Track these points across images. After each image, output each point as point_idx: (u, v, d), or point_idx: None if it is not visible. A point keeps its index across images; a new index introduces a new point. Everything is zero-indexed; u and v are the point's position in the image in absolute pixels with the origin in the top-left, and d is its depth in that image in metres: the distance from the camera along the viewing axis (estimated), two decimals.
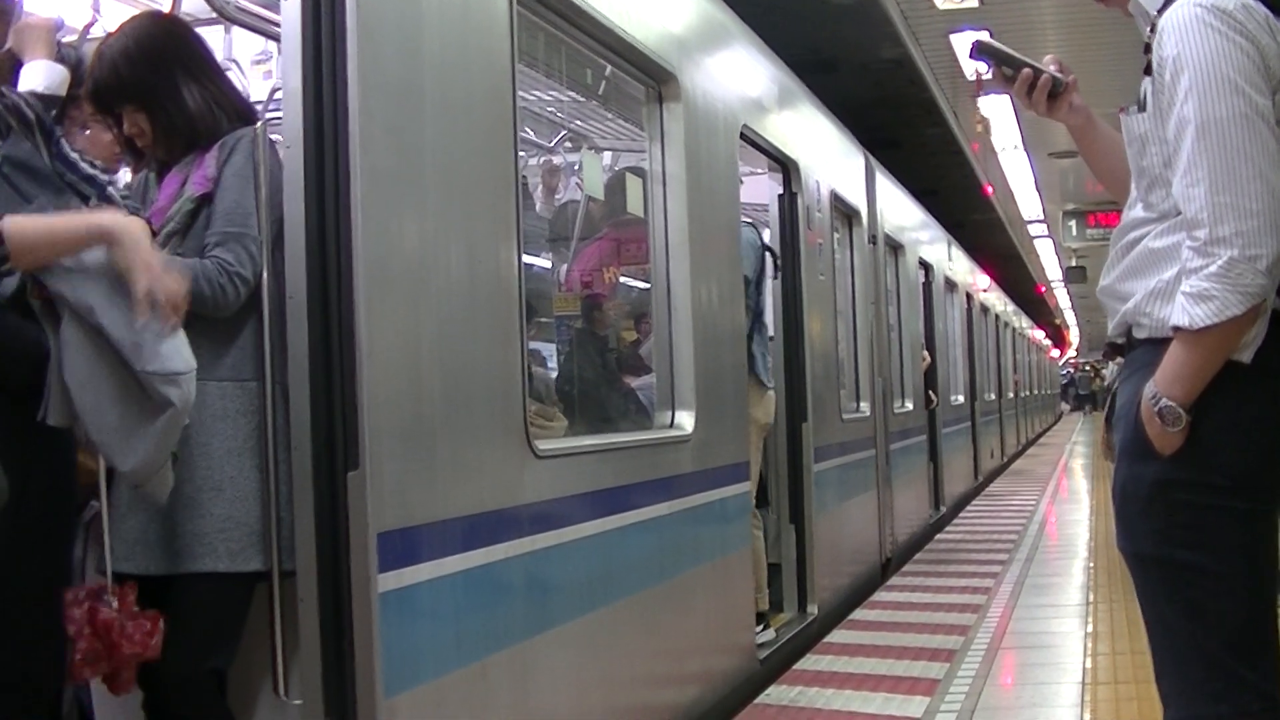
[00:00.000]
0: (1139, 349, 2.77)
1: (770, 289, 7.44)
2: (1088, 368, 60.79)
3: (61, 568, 3.15)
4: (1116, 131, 2.92)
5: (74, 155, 3.18)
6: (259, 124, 3.54)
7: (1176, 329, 2.58)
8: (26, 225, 2.83)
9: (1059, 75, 3.05)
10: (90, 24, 4.11)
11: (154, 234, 3.28)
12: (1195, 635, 2.66)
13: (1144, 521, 2.71)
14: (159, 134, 3.53)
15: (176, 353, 2.97)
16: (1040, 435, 32.53)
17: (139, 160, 3.69)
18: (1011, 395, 24.42)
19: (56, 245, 2.86)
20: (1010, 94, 3.11)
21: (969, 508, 14.59)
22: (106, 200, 3.22)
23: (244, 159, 3.44)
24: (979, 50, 3.09)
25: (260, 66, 4.65)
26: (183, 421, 3.02)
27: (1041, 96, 3.06)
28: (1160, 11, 2.69)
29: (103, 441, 2.98)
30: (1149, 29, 2.73)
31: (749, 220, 6.96)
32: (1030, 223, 25.34)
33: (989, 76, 3.13)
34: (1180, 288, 2.58)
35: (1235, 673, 2.64)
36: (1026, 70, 3.05)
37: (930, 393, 13.15)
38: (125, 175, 3.86)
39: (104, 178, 3.23)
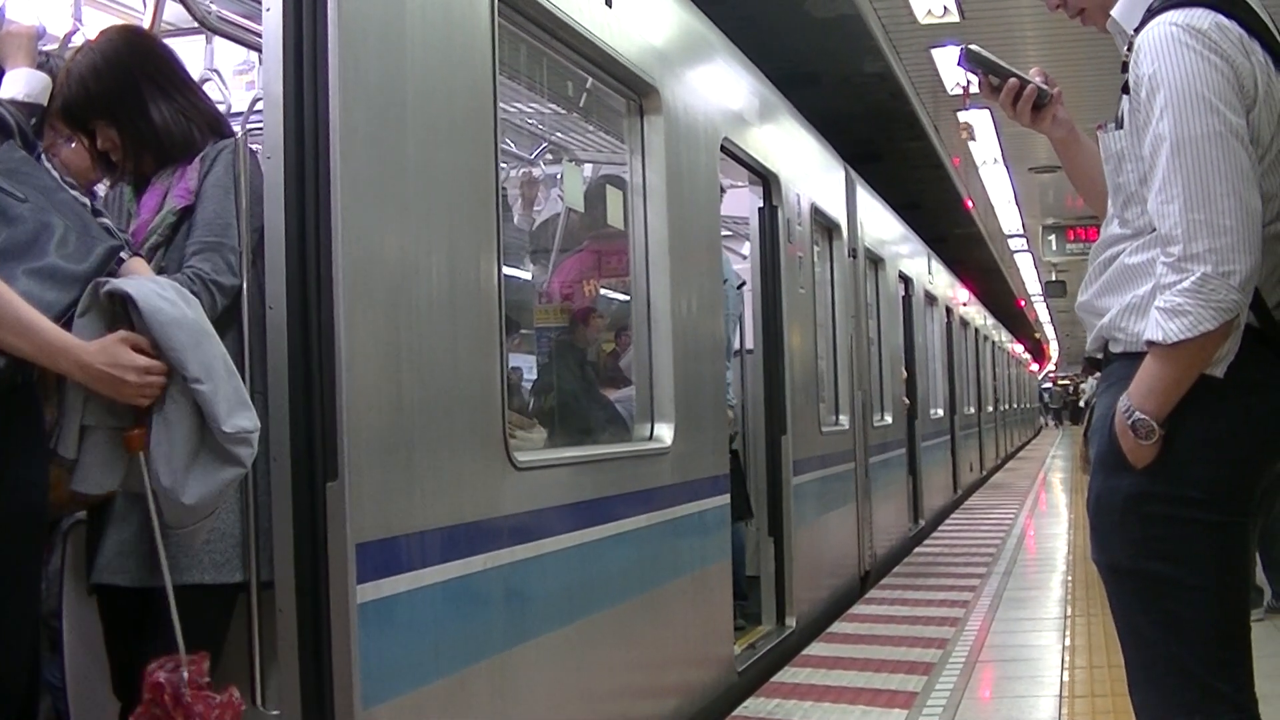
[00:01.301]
0: (1115, 363, 2.79)
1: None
2: (1064, 381, 60.94)
3: (33, 578, 3.14)
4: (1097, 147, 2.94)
5: (55, 173, 3.17)
6: (240, 134, 3.54)
7: (1150, 343, 2.60)
8: (13, 302, 2.83)
9: (1045, 86, 3.07)
10: (71, 32, 4.10)
11: (135, 249, 3.29)
12: (1169, 647, 2.68)
13: (1118, 534, 2.72)
14: (128, 147, 3.52)
15: (247, 411, 3.10)
16: (1020, 449, 32.58)
17: (112, 174, 3.67)
18: (991, 409, 24.46)
19: (20, 342, 2.85)
20: (995, 105, 3.13)
21: (948, 521, 14.61)
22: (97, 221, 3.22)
23: (224, 170, 3.43)
24: (967, 58, 3.09)
25: (243, 77, 4.65)
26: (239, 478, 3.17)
27: (1026, 107, 3.07)
28: (1137, 30, 2.71)
29: (170, 478, 3.05)
30: (1126, 47, 2.75)
31: None
32: (1010, 237, 25.40)
33: (975, 89, 3.14)
34: (1154, 303, 2.60)
35: (1208, 684, 2.65)
36: (1013, 80, 3.07)
37: (905, 398, 13.16)
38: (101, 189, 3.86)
39: (84, 199, 3.23)
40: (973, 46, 3.11)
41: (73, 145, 3.72)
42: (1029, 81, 3.06)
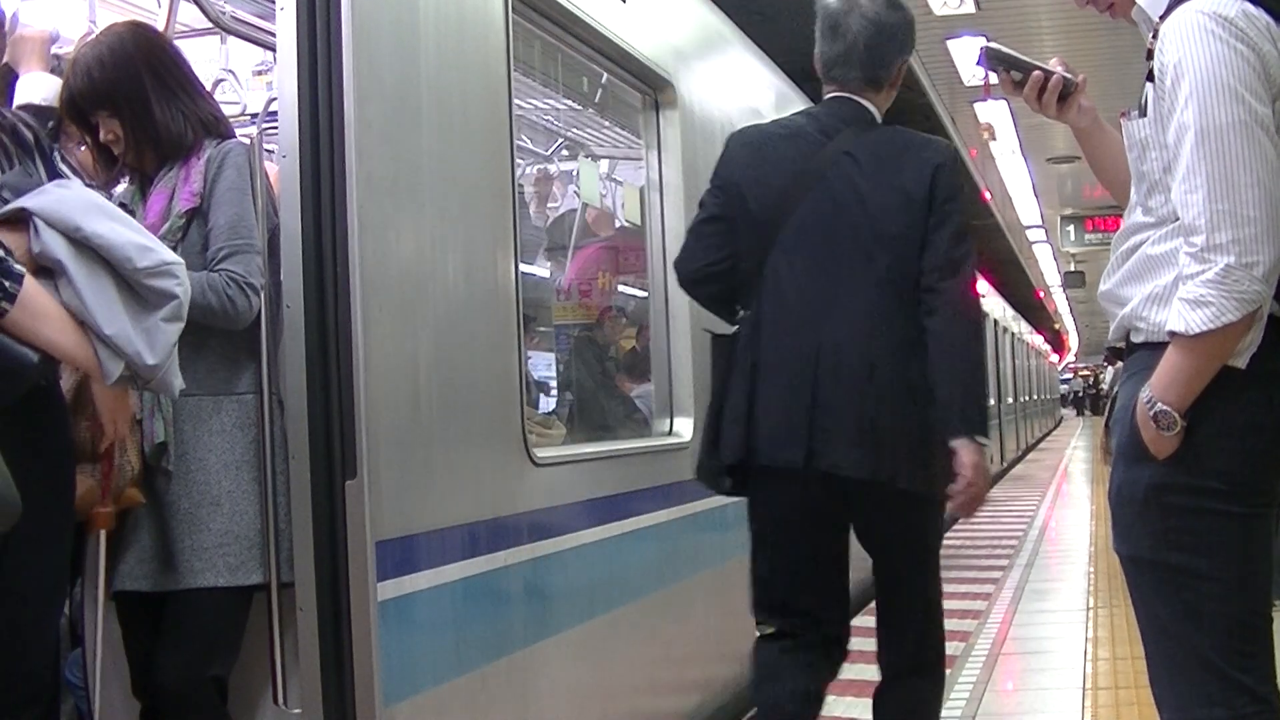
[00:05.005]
0: (1136, 353, 2.78)
1: None
2: (1085, 373, 60.89)
3: (60, 579, 3.15)
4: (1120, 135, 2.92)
5: (68, 173, 3.17)
6: (255, 135, 3.54)
7: (1173, 334, 2.58)
8: (46, 302, 2.84)
9: (1069, 76, 3.04)
10: (87, 34, 4.10)
11: None
12: (1190, 638, 2.67)
13: (1140, 525, 2.71)
14: (129, 140, 3.51)
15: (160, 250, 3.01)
16: (1040, 440, 32.50)
17: (111, 170, 3.66)
18: (1011, 400, 24.40)
19: (61, 338, 2.86)
20: (1017, 99, 3.10)
21: None
22: None
23: (236, 172, 3.44)
24: (988, 57, 3.07)
25: (263, 77, 4.65)
26: (185, 311, 3.00)
27: (1053, 99, 3.04)
28: (1163, 17, 2.69)
29: (131, 343, 2.93)
30: (1151, 35, 2.73)
31: None
32: (1028, 228, 25.37)
33: (994, 80, 3.12)
34: (1177, 293, 2.59)
35: (1230, 676, 2.64)
36: (1037, 73, 3.04)
37: None
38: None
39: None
40: (992, 45, 3.08)
41: (83, 149, 3.72)
42: (1053, 73, 3.04)
